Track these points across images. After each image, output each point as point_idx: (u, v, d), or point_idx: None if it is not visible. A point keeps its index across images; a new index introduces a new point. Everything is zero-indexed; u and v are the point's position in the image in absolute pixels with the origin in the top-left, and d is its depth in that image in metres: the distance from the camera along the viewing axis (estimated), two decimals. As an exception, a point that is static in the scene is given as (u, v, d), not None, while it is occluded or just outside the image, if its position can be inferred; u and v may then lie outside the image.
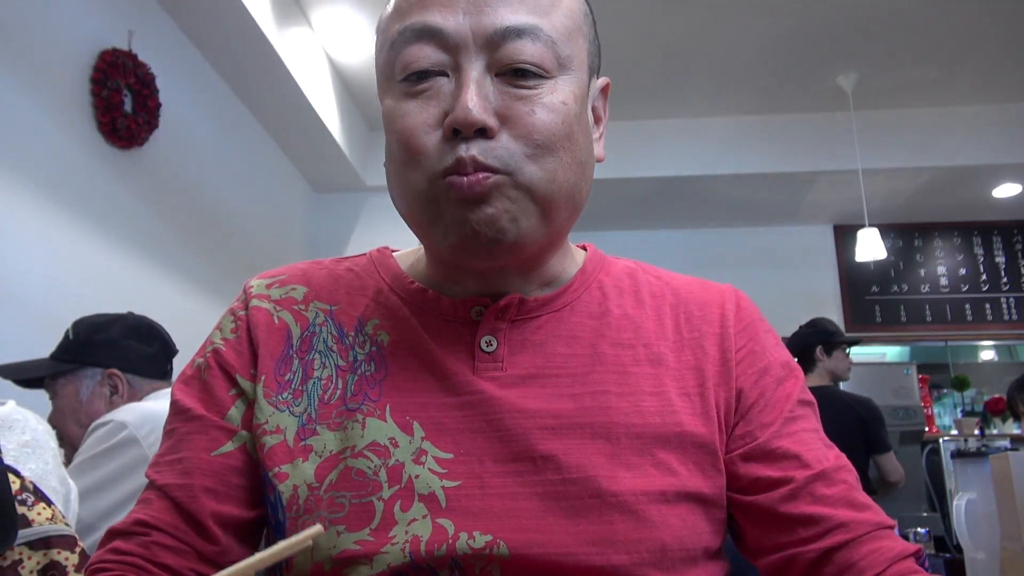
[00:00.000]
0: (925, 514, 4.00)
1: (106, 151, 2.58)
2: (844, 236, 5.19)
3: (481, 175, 0.59)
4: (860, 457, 2.92)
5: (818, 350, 3.20)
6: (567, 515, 0.59)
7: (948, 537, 2.90)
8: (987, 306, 5.10)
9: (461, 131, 0.59)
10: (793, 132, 4.43)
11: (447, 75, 0.61)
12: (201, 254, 3.19)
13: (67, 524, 0.99)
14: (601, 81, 0.72)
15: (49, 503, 0.98)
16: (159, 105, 2.77)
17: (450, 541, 0.57)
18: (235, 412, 0.67)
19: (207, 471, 0.64)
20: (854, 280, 5.20)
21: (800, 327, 3.32)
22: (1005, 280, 5.13)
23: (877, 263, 4.83)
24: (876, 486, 3.00)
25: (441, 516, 0.58)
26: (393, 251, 0.77)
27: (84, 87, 2.48)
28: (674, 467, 0.62)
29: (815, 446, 0.66)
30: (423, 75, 0.61)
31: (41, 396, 1.74)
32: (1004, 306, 5.09)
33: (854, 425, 2.96)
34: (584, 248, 0.77)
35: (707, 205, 4.95)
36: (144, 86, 2.68)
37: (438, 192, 0.60)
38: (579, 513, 0.59)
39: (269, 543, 0.65)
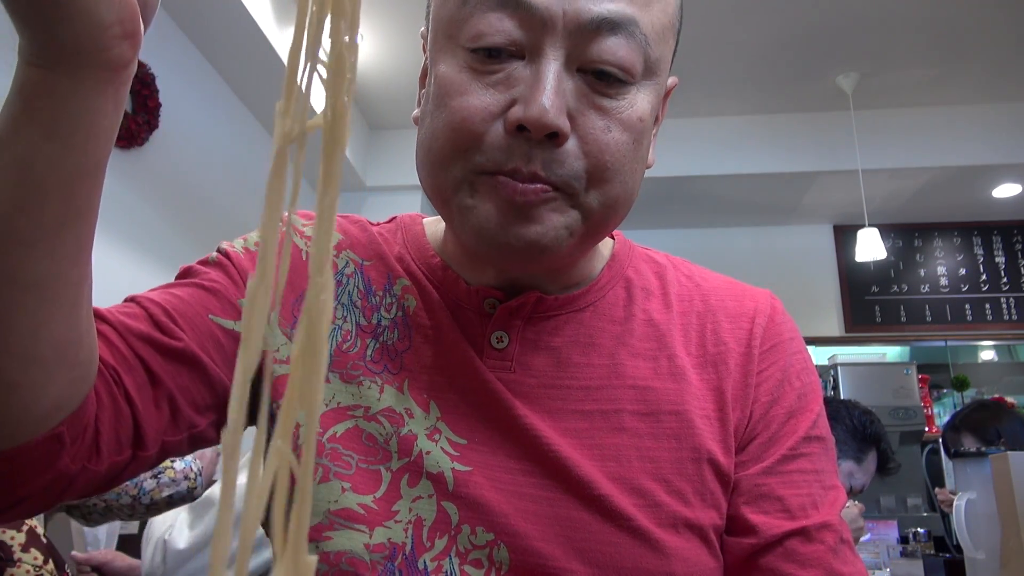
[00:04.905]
0: (925, 514, 4.01)
1: (106, 151, 2.58)
2: (844, 236, 5.19)
3: (539, 186, 0.53)
4: None
5: None
6: (573, 531, 0.55)
7: (948, 537, 2.90)
8: (987, 306, 5.10)
9: (529, 130, 0.51)
10: (793, 132, 4.43)
11: (523, 57, 0.53)
12: (201, 254, 3.18)
13: None
14: (671, 81, 0.64)
15: None
16: (159, 105, 2.76)
17: (452, 532, 0.55)
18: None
19: (199, 326, 0.57)
20: (854, 280, 5.20)
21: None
22: (1005, 280, 5.13)
23: (877, 263, 4.83)
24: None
25: (447, 499, 0.56)
26: (424, 218, 0.71)
27: (84, 87, 2.48)
28: (688, 497, 0.57)
29: (806, 491, 0.60)
30: (496, 53, 0.53)
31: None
32: (1004, 306, 5.09)
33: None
34: (612, 236, 0.71)
35: (707, 205, 4.95)
36: (144, 86, 2.68)
37: (478, 186, 0.54)
38: (586, 531, 0.55)
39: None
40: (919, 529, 2.19)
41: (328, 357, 0.58)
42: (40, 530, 1.03)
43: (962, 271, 5.18)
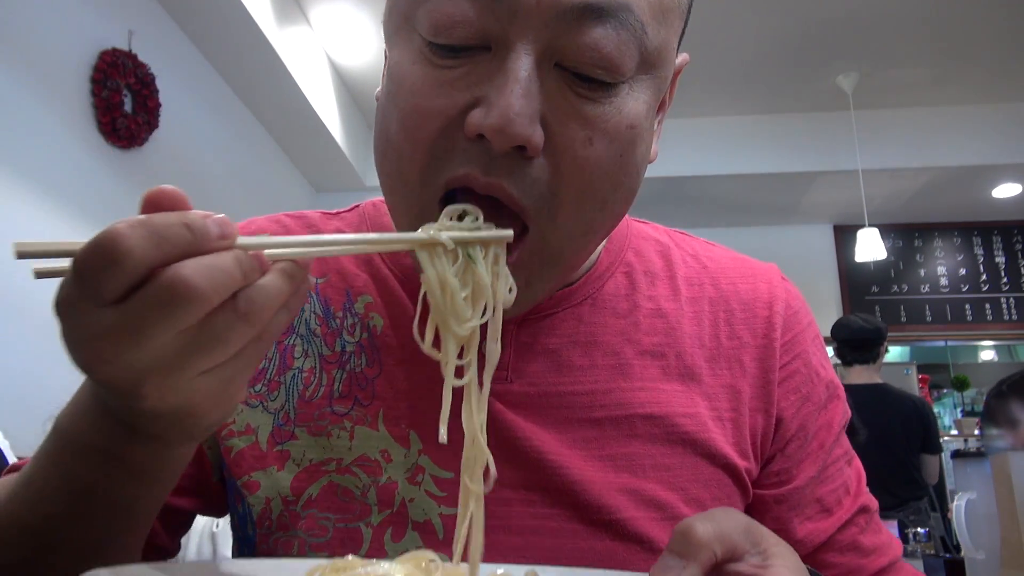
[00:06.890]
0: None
1: (106, 151, 2.58)
2: (844, 236, 5.19)
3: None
4: (914, 454, 2.93)
5: (884, 346, 3.11)
6: (586, 559, 0.51)
7: (948, 537, 2.90)
8: (987, 306, 5.10)
9: (490, 141, 0.43)
10: (793, 132, 4.43)
11: (488, 48, 0.44)
12: (201, 254, 3.19)
13: None
14: (680, 59, 0.55)
15: None
16: (159, 105, 2.76)
17: None
18: None
19: None
20: (854, 280, 5.20)
21: (860, 318, 3.18)
22: (1005, 280, 5.13)
23: (877, 263, 4.83)
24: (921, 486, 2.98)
25: (438, 550, 0.49)
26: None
27: (84, 87, 2.48)
28: (707, 505, 0.54)
29: (840, 480, 0.60)
30: (457, 48, 0.44)
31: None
32: (1004, 306, 5.09)
33: (915, 422, 2.96)
34: None
35: (707, 205, 4.94)
36: (144, 86, 2.68)
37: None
38: (601, 558, 0.51)
39: (240, 553, 0.58)
40: (919, 529, 2.18)
41: (292, 411, 0.54)
42: None
43: (962, 271, 5.18)
